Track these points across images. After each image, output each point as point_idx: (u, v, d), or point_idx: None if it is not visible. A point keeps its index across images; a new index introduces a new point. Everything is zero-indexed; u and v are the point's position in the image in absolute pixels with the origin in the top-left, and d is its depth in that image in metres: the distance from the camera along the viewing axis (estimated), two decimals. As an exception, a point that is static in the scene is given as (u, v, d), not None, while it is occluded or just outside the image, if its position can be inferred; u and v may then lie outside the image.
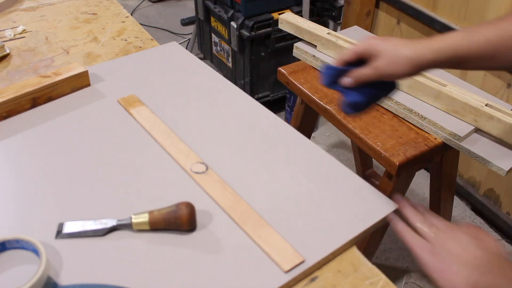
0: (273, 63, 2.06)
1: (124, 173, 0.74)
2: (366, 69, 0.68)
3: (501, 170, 0.95)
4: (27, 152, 0.78)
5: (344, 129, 1.08)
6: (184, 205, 0.64)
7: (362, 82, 0.69)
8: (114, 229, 0.65)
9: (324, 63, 0.71)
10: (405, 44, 0.67)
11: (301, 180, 0.74)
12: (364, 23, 1.91)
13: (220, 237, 0.65)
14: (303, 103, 1.32)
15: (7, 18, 1.19)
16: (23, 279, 0.55)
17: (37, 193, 0.71)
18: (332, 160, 0.77)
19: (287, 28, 1.29)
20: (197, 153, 0.78)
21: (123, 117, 0.86)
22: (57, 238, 0.63)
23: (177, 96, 0.91)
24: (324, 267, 0.63)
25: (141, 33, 1.14)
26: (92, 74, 0.95)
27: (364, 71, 0.68)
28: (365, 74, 0.68)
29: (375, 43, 0.68)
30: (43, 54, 1.05)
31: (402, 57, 0.66)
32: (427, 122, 1.04)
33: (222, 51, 2.20)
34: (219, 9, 2.07)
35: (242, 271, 0.60)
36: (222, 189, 0.71)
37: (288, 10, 1.98)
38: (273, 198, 0.70)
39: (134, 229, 0.65)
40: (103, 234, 0.64)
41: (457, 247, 0.58)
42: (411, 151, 1.00)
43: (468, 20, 1.56)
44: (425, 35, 1.73)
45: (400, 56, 0.66)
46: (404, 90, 1.10)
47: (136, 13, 3.02)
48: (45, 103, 0.88)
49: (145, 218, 0.64)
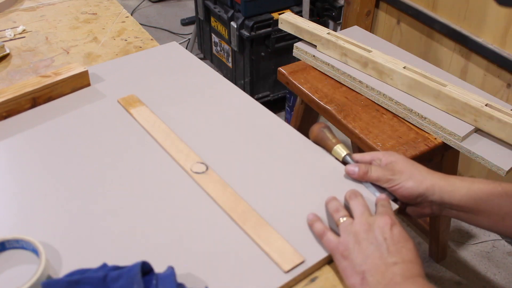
0: (273, 63, 2.06)
1: (124, 173, 0.74)
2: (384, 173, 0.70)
3: (501, 170, 0.95)
4: (27, 152, 0.78)
5: (344, 129, 1.08)
6: None
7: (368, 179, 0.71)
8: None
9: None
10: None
11: (301, 180, 0.74)
12: (364, 23, 1.91)
13: (220, 237, 0.65)
14: (303, 103, 1.32)
15: (7, 18, 1.19)
16: (23, 279, 0.55)
17: (37, 193, 0.71)
18: (332, 160, 0.77)
19: (287, 28, 1.29)
20: (197, 153, 0.78)
21: (123, 117, 0.86)
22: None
23: (177, 96, 0.91)
24: (324, 267, 0.63)
25: (141, 33, 1.14)
26: (92, 74, 0.95)
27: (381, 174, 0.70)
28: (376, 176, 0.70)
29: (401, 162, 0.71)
30: (43, 54, 1.05)
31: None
32: (427, 122, 1.04)
33: (222, 51, 2.20)
34: (219, 9, 2.07)
35: (242, 271, 0.60)
36: (222, 189, 0.71)
37: (288, 10, 1.98)
38: (273, 198, 0.70)
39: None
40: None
41: (361, 255, 0.58)
42: (411, 151, 1.00)
43: (468, 20, 1.56)
44: (425, 35, 1.73)
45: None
46: (404, 90, 1.10)
47: (136, 13, 3.02)
48: (45, 103, 0.88)
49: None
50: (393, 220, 0.60)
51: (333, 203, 0.66)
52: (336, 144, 0.76)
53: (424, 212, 0.70)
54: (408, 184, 0.67)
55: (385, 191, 0.70)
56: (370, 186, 0.71)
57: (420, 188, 0.67)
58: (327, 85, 1.19)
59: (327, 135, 0.77)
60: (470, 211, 0.67)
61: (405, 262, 0.56)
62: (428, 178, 0.68)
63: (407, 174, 0.68)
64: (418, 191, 0.67)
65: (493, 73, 1.54)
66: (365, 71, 1.15)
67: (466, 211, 0.67)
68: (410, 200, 0.69)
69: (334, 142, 0.76)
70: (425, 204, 0.69)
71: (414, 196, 0.68)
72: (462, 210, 0.67)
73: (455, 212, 0.68)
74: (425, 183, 0.67)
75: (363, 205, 0.63)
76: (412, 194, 0.68)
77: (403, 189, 0.68)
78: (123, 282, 0.53)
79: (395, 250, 0.57)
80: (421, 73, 1.07)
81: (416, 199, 0.68)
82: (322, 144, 0.78)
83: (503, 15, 1.44)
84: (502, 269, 1.58)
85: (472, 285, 1.53)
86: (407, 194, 0.68)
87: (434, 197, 0.67)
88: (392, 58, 1.12)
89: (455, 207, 0.67)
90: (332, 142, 0.76)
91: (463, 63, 1.63)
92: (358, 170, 0.71)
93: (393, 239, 0.58)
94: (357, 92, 1.16)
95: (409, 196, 0.68)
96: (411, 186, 0.67)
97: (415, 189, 0.67)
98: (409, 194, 0.68)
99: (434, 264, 1.58)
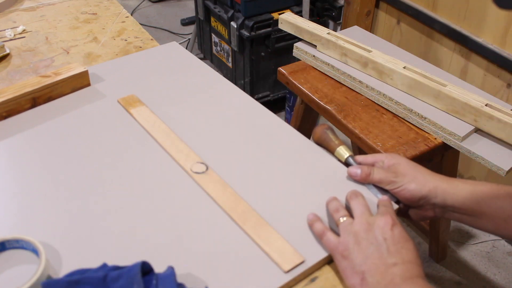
0: (273, 63, 2.06)
1: (124, 173, 0.74)
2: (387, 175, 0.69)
3: (501, 170, 0.95)
4: (27, 152, 0.78)
5: (344, 129, 1.08)
6: None
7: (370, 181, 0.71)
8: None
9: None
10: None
11: (301, 180, 0.74)
12: (364, 23, 1.91)
13: (220, 237, 0.65)
14: (303, 103, 1.32)
15: (7, 18, 1.19)
16: (23, 279, 0.55)
17: (37, 193, 0.71)
18: (332, 160, 0.77)
19: (287, 28, 1.29)
20: (197, 153, 0.78)
21: (123, 117, 0.86)
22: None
23: (177, 96, 0.91)
24: (324, 267, 0.63)
25: (141, 33, 1.14)
26: (92, 74, 0.95)
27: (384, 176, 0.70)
28: (379, 178, 0.70)
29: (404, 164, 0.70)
30: (43, 54, 1.05)
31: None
32: (427, 122, 1.04)
33: (222, 51, 2.20)
34: (219, 9, 2.07)
35: (242, 271, 0.60)
36: (222, 189, 0.71)
37: (288, 10, 1.98)
38: (273, 198, 0.70)
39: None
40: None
41: (361, 255, 0.57)
42: (411, 151, 1.00)
43: (468, 20, 1.56)
44: (425, 35, 1.73)
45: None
46: (404, 90, 1.10)
47: (136, 13, 3.02)
48: (45, 103, 0.88)
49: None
50: (394, 220, 0.60)
51: (334, 203, 0.66)
52: (339, 146, 0.76)
53: (427, 215, 0.70)
54: (411, 187, 0.67)
55: (388, 193, 0.70)
56: (372, 188, 0.71)
57: (423, 191, 0.67)
58: (327, 85, 1.19)
59: (330, 137, 0.77)
60: (473, 213, 0.67)
61: (405, 263, 0.56)
62: (431, 181, 0.68)
63: (409, 177, 0.68)
64: (421, 193, 0.67)
65: (493, 73, 1.54)
66: (365, 71, 1.15)
67: (469, 214, 0.67)
68: (413, 203, 0.69)
69: (337, 143, 0.76)
70: (428, 206, 0.69)
71: (416, 199, 0.68)
72: (465, 212, 0.67)
73: (458, 215, 0.68)
74: (428, 186, 0.67)
75: (363, 205, 0.63)
76: (415, 197, 0.67)
77: (406, 191, 0.67)
78: (123, 282, 0.53)
79: (395, 250, 0.57)
80: (421, 73, 1.07)
81: (418, 201, 0.68)
82: (324, 145, 0.78)
83: (503, 15, 1.44)
84: (502, 269, 1.58)
85: (472, 285, 1.53)
86: (410, 197, 0.68)
87: (436, 199, 0.67)
88: (392, 58, 1.12)
89: (457, 209, 0.67)
90: (335, 144, 0.76)
91: (463, 63, 1.63)
92: (360, 172, 0.71)
93: (393, 240, 0.58)
94: (357, 92, 1.16)
95: (412, 199, 0.68)
96: (414, 189, 0.67)
97: (418, 192, 0.67)
98: (412, 197, 0.67)
99: (434, 264, 1.58)
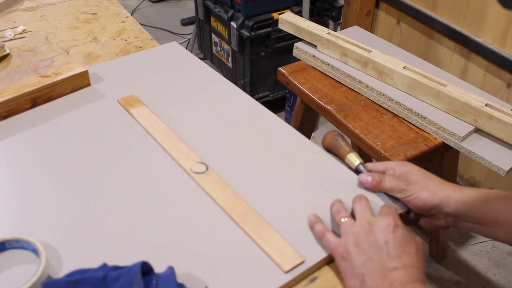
0: (273, 63, 2.06)
1: (124, 173, 0.74)
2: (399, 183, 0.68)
3: (501, 170, 0.95)
4: (27, 152, 0.78)
5: (344, 129, 1.08)
6: None
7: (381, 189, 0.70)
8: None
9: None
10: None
11: (301, 180, 0.74)
12: (364, 23, 1.91)
13: (220, 237, 0.65)
14: (303, 103, 1.32)
15: (7, 18, 1.19)
16: (23, 279, 0.55)
17: (37, 193, 0.71)
18: (332, 160, 0.77)
19: (287, 28, 1.29)
20: (197, 153, 0.78)
21: (123, 117, 0.86)
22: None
23: (177, 96, 0.91)
24: (324, 267, 0.63)
25: (141, 33, 1.14)
26: (92, 74, 0.95)
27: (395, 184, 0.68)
28: (390, 186, 0.69)
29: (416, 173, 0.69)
30: (43, 54, 1.05)
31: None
32: (427, 122, 1.04)
33: (222, 51, 2.20)
34: (219, 9, 2.08)
35: (242, 271, 0.60)
36: (222, 189, 0.71)
37: (288, 10, 1.98)
38: (273, 198, 0.70)
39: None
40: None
41: (361, 257, 0.57)
42: (411, 151, 1.00)
43: (468, 20, 1.56)
44: (425, 35, 1.73)
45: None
46: (404, 90, 1.10)
47: (136, 13, 3.03)
48: (45, 103, 0.88)
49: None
50: (396, 222, 0.59)
51: (336, 205, 0.65)
52: (349, 153, 0.75)
53: (439, 224, 0.69)
54: (423, 195, 0.66)
55: (399, 202, 0.69)
56: (383, 196, 0.70)
57: (435, 199, 0.66)
58: (327, 85, 1.19)
59: (340, 143, 0.77)
60: (485, 222, 0.65)
61: (405, 267, 0.55)
62: (443, 189, 0.66)
63: (421, 185, 0.67)
64: (433, 202, 0.66)
65: (493, 73, 1.54)
66: (365, 71, 1.15)
67: (481, 223, 0.66)
68: (424, 212, 0.68)
69: (348, 150, 0.76)
70: (440, 215, 0.68)
71: (428, 208, 0.66)
72: (478, 222, 0.66)
73: (470, 224, 0.67)
74: (440, 194, 0.66)
75: (366, 207, 0.63)
76: (427, 205, 0.66)
77: (417, 200, 0.66)
78: (123, 282, 0.53)
79: (395, 254, 0.56)
80: (421, 73, 1.07)
81: (430, 210, 0.67)
82: (335, 152, 0.77)
83: (503, 15, 1.44)
84: (502, 269, 1.58)
85: (472, 285, 1.53)
86: (421, 205, 0.66)
87: (449, 208, 0.66)
88: (392, 58, 1.12)
89: (470, 218, 0.66)
90: (346, 151, 0.76)
91: (463, 63, 1.63)
92: (371, 180, 0.69)
93: (394, 243, 0.57)
94: (357, 92, 1.16)
95: (423, 207, 0.67)
96: (426, 197, 0.66)
97: (430, 200, 0.66)
98: (423, 205, 0.66)
99: (434, 264, 1.58)
